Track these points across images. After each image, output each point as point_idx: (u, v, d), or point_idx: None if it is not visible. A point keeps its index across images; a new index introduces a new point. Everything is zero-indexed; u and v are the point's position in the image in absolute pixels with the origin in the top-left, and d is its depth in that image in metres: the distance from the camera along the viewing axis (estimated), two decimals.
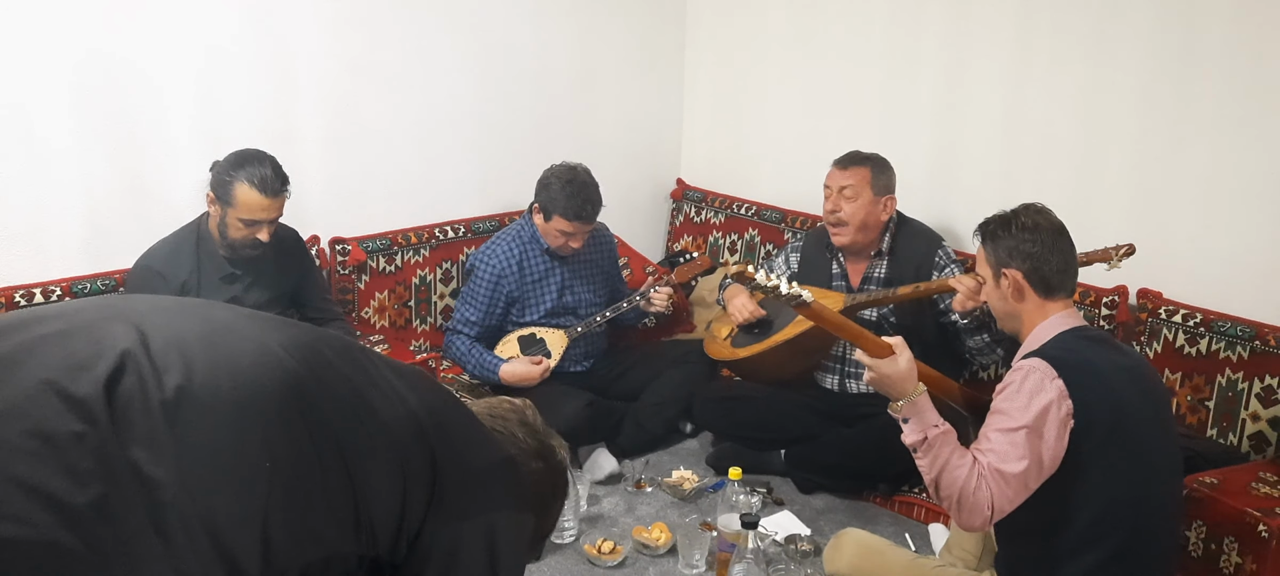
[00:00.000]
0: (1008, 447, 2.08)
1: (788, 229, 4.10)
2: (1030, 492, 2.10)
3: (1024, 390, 2.10)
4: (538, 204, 3.46)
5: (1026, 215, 2.28)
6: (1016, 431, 2.08)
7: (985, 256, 2.32)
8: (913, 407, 2.21)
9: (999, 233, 2.29)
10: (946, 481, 2.12)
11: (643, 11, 4.37)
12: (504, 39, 3.95)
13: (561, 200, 3.39)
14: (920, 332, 3.20)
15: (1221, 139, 3.06)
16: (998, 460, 2.09)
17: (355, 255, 3.60)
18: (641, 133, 4.50)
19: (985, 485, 2.08)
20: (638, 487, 3.26)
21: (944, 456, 2.14)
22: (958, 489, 2.10)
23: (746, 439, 3.40)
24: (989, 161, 3.60)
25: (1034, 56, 3.43)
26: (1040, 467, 2.09)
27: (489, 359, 3.44)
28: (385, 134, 3.72)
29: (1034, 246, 2.23)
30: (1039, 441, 2.07)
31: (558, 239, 3.44)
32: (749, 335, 3.43)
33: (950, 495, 2.12)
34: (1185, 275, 3.15)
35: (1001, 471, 2.08)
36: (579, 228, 3.41)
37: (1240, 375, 2.99)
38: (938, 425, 2.18)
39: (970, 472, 2.10)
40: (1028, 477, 2.08)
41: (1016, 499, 2.10)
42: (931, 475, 2.16)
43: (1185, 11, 3.08)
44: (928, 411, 2.20)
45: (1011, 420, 2.09)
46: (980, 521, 2.10)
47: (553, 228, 3.43)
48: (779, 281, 2.19)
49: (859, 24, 3.90)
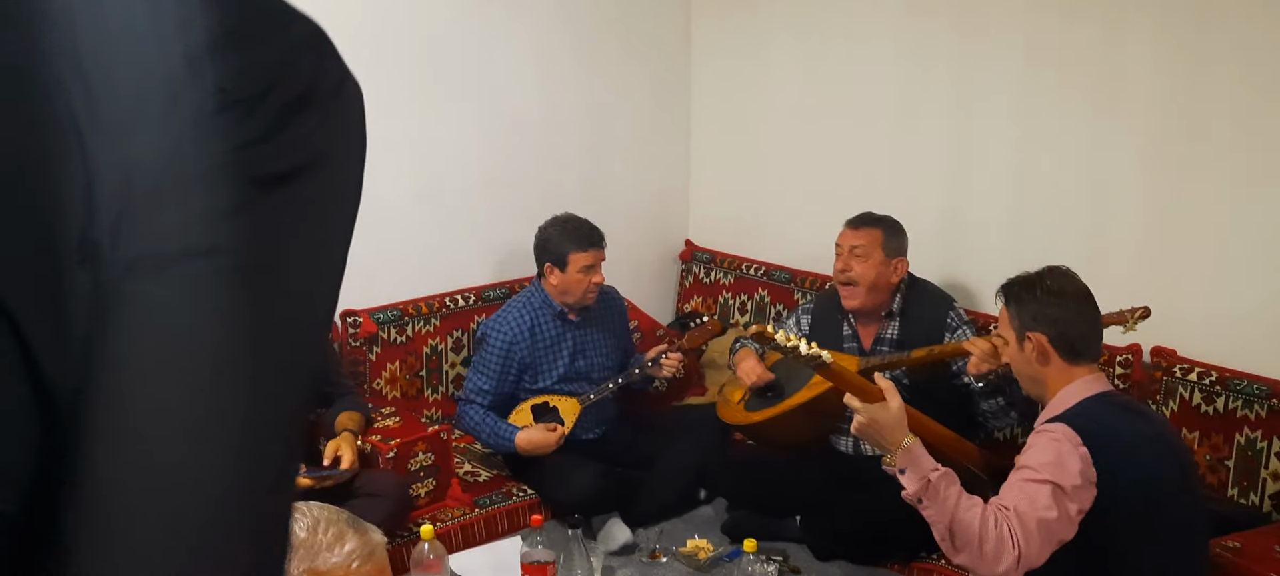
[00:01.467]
0: (1033, 494, 2.03)
1: (798, 289, 4.10)
2: (1051, 549, 2.04)
3: (1049, 450, 2.07)
4: (548, 262, 3.48)
5: (1052, 279, 2.25)
6: (1042, 483, 2.03)
7: (1008, 318, 2.28)
8: (907, 456, 2.15)
9: (1024, 296, 2.25)
10: (960, 525, 2.04)
11: (648, 75, 4.40)
12: (511, 107, 3.99)
13: (571, 237, 3.44)
14: (934, 395, 3.18)
15: (1232, 194, 3.06)
16: (1022, 504, 2.02)
17: (366, 327, 3.61)
18: (649, 195, 4.52)
19: (1006, 526, 2.01)
20: (652, 558, 3.23)
21: (951, 499, 2.07)
22: (975, 531, 2.02)
23: (762, 506, 3.37)
24: (998, 220, 3.60)
25: (1042, 115, 3.44)
26: (1063, 525, 2.03)
27: (503, 427, 3.42)
28: (395, 204, 3.73)
29: (1060, 311, 2.20)
30: (1065, 499, 2.03)
31: (582, 283, 3.44)
32: (762, 399, 3.41)
33: (968, 540, 2.03)
34: (1199, 333, 3.13)
35: (1025, 514, 2.01)
36: (596, 256, 3.45)
37: (1259, 433, 2.96)
38: (936, 468, 2.12)
39: (985, 512, 2.04)
40: (1051, 529, 2.01)
41: (1042, 551, 2.01)
42: (943, 524, 2.08)
43: (1193, 68, 3.09)
44: (923, 458, 2.14)
45: (1036, 473, 2.05)
46: (1008, 564, 2.00)
47: (574, 271, 3.43)
48: (799, 342, 2.19)
49: (866, 83, 3.92)
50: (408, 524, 3.20)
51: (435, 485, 3.32)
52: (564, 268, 3.45)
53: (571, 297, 3.49)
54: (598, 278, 3.47)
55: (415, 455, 3.25)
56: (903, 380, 3.28)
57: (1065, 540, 2.05)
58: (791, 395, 3.30)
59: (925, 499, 2.10)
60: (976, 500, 2.07)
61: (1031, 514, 2.01)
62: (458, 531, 3.26)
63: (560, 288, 3.49)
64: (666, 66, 4.47)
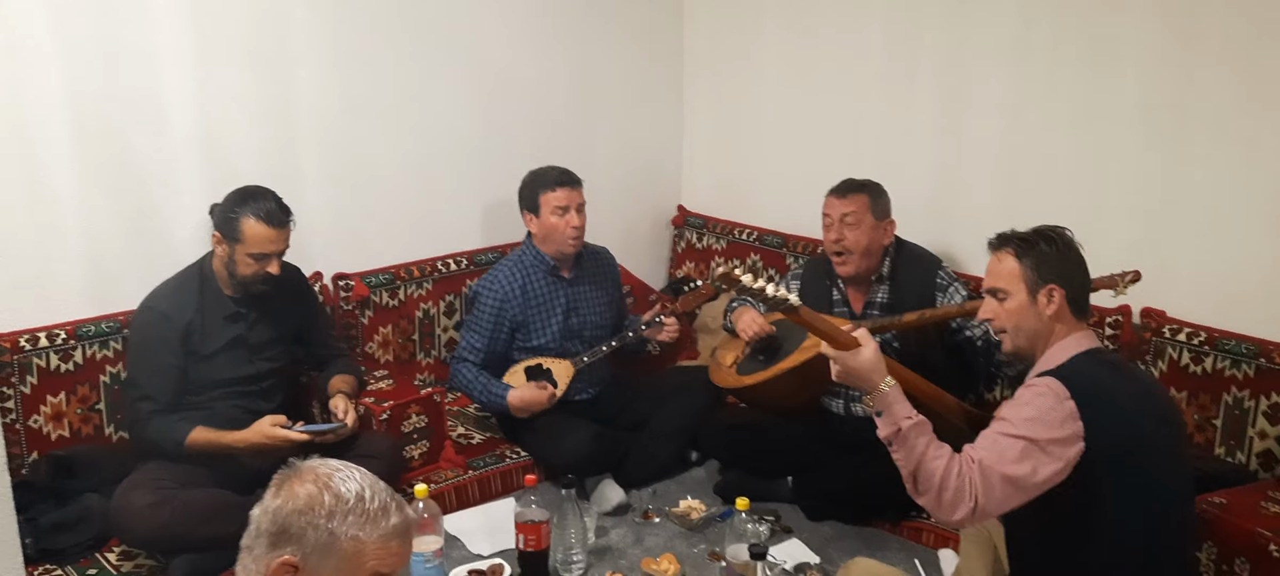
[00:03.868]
0: (1004, 448, 2.06)
1: (789, 254, 4.10)
2: (1015, 504, 2.06)
3: (1032, 405, 2.09)
4: (527, 211, 3.49)
5: (1060, 236, 2.24)
6: (1016, 438, 2.06)
7: (1019, 271, 2.24)
8: (883, 400, 2.18)
9: (1042, 246, 2.22)
10: (924, 473, 2.10)
11: (641, 41, 4.39)
12: (503, 71, 3.97)
13: (541, 179, 3.48)
14: (926, 358, 3.20)
15: (1222, 156, 3.07)
16: (990, 458, 2.06)
17: (358, 291, 3.61)
18: (642, 160, 4.51)
19: (968, 478, 2.05)
20: (645, 518, 3.25)
21: (919, 448, 2.11)
22: (936, 480, 2.07)
23: (754, 467, 3.40)
24: (989, 185, 3.60)
25: (1032, 78, 3.44)
26: (1032, 481, 2.05)
27: (495, 387, 3.43)
28: (386, 169, 3.73)
29: (1076, 267, 2.21)
30: (1040, 454, 2.05)
31: (559, 226, 3.45)
32: (755, 362, 3.42)
33: (929, 487, 2.09)
34: (1188, 293, 3.15)
35: (989, 467, 2.05)
36: (569, 196, 3.46)
37: (1246, 393, 2.98)
38: (910, 416, 2.15)
39: (950, 462, 2.08)
40: (1018, 484, 2.04)
41: (1003, 503, 2.05)
42: (908, 469, 2.13)
43: (1184, 31, 3.09)
44: (899, 404, 2.17)
45: (1013, 427, 2.08)
46: (964, 513, 2.06)
47: (548, 214, 3.45)
48: (766, 284, 2.19)
49: (856, 48, 3.91)
50: (401, 485, 3.22)
51: (429, 447, 3.33)
52: (538, 211, 3.46)
53: (553, 244, 3.49)
54: (575, 220, 3.47)
55: (409, 417, 3.26)
56: (893, 343, 3.29)
57: (1035, 492, 2.06)
58: (785, 358, 3.31)
59: (895, 443, 2.15)
60: (945, 450, 2.10)
61: (997, 467, 2.05)
62: (451, 492, 3.28)
63: (541, 234, 3.50)
64: (658, 31, 4.45)
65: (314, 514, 1.52)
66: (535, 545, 2.82)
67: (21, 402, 3.00)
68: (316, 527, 1.51)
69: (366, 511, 1.55)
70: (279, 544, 1.52)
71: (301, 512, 1.52)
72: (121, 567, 2.84)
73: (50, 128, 2.98)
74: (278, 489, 1.57)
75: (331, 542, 1.52)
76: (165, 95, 3.18)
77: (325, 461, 1.61)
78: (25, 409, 3.01)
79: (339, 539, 1.52)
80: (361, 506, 1.55)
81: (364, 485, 1.57)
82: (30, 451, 3.03)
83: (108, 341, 3.13)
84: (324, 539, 1.51)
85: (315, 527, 1.51)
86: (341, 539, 1.52)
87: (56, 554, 2.83)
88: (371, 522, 1.55)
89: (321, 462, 1.61)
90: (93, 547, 2.88)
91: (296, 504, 1.52)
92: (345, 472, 1.58)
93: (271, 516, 1.53)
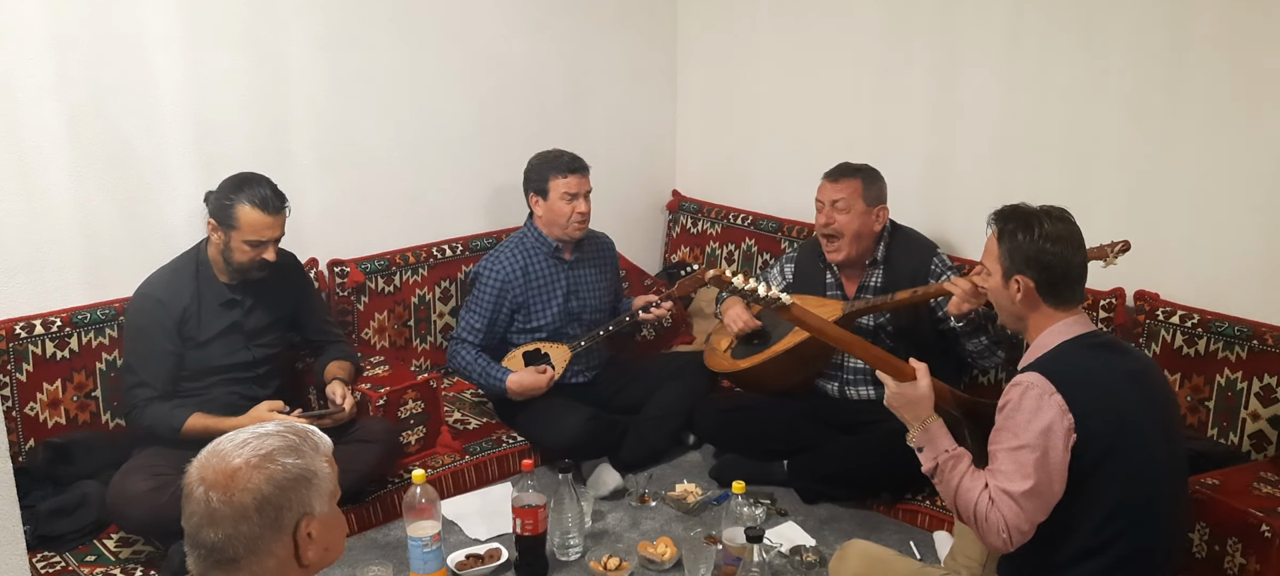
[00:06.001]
0: (1014, 467, 2.10)
1: (784, 238, 4.11)
2: (1049, 509, 2.10)
3: (1023, 408, 2.11)
4: (533, 193, 3.49)
5: (1050, 224, 2.21)
6: (1021, 450, 2.09)
7: (996, 251, 2.26)
8: (926, 434, 2.26)
9: (1019, 235, 2.22)
10: (962, 505, 2.18)
11: (635, 24, 4.38)
12: (497, 56, 3.96)
13: (551, 164, 3.47)
14: (917, 338, 3.22)
15: (1214, 138, 3.08)
16: (1005, 481, 2.11)
17: (354, 277, 3.61)
18: (636, 144, 4.51)
19: (996, 510, 2.11)
20: (641, 502, 3.27)
21: (954, 482, 2.19)
22: (971, 512, 2.16)
23: (749, 450, 3.41)
24: (982, 166, 3.61)
25: (1024, 60, 3.44)
26: (1051, 485, 2.09)
27: (495, 370, 3.44)
28: (380, 154, 3.73)
29: (1053, 258, 2.18)
30: (1046, 459, 2.08)
31: (566, 211, 3.45)
32: (748, 346, 3.43)
33: (968, 517, 2.18)
34: (1181, 276, 3.17)
35: (1009, 492, 2.09)
36: (579, 183, 3.46)
37: (1239, 375, 3.00)
38: (948, 450, 2.23)
39: (981, 496, 2.13)
40: (1039, 495, 2.09)
41: (1035, 516, 2.10)
42: (949, 500, 2.24)
43: (1175, 12, 3.10)
44: (940, 438, 2.26)
45: (1016, 438, 2.10)
46: (999, 543, 2.13)
47: (556, 198, 3.45)
48: (757, 285, 2.20)
49: (849, 32, 3.91)
50: (399, 470, 3.23)
51: (425, 432, 3.34)
52: (546, 196, 3.46)
53: (558, 228, 3.49)
54: (583, 207, 3.47)
55: (405, 403, 3.27)
56: (886, 326, 3.31)
57: (1059, 492, 2.10)
58: (777, 342, 3.32)
59: (936, 476, 2.24)
60: (979, 481, 2.16)
61: (1015, 488, 2.09)
62: (448, 477, 3.28)
63: (547, 218, 3.50)
64: (653, 14, 4.44)
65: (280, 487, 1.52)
66: (532, 529, 2.83)
67: (18, 390, 3.00)
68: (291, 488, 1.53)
69: (296, 449, 1.56)
70: (279, 526, 1.52)
71: (271, 495, 1.51)
72: (119, 553, 2.85)
73: (43, 114, 2.97)
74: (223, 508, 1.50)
75: (310, 483, 1.56)
76: (158, 80, 3.17)
77: (213, 452, 1.55)
78: (21, 396, 3.01)
79: (315, 478, 1.56)
80: (288, 449, 1.55)
81: (264, 436, 1.56)
82: (27, 438, 3.03)
83: (103, 328, 3.13)
84: (304, 492, 1.55)
85: (291, 490, 1.53)
86: (314, 478, 1.56)
87: (55, 540, 2.84)
88: (301, 454, 1.56)
89: (202, 465, 1.54)
90: (91, 534, 2.89)
91: (261, 493, 1.50)
92: (245, 447, 1.54)
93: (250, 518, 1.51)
